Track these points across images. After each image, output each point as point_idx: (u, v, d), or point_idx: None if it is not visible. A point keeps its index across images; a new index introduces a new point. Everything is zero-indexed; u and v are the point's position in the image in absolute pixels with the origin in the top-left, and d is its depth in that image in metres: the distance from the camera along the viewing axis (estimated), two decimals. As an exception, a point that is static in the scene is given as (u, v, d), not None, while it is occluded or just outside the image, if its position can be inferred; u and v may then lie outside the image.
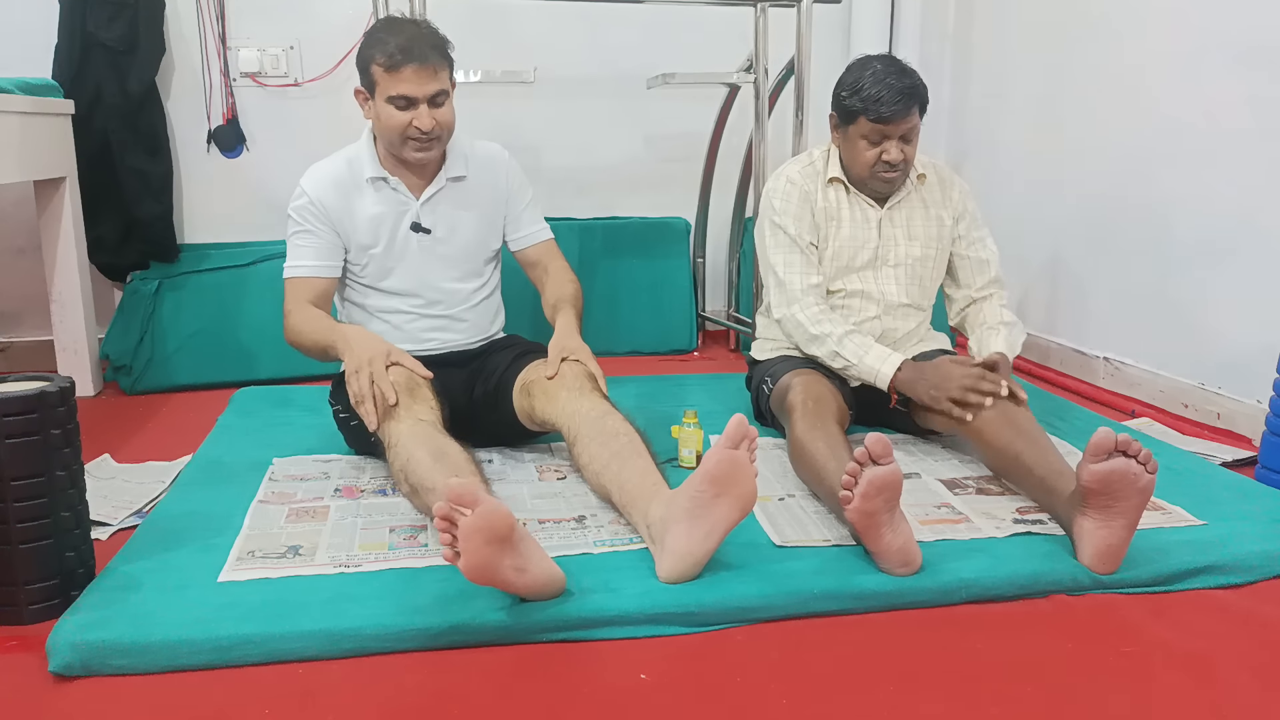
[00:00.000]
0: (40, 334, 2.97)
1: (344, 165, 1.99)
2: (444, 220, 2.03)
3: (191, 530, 1.65)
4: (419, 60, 1.84)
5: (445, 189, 2.02)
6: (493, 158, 2.10)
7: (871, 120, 1.99)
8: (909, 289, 2.15)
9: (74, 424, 1.45)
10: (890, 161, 2.02)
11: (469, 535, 1.27)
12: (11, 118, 2.31)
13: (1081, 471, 1.47)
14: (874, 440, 1.42)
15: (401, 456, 1.66)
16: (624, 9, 3.15)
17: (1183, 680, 1.28)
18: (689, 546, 1.45)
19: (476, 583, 1.33)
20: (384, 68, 1.85)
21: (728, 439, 1.43)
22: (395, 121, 1.88)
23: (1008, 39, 3.15)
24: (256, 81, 3.08)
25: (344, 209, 1.97)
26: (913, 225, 2.15)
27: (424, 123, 1.87)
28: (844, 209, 2.14)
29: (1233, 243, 2.31)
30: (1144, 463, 1.44)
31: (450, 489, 1.29)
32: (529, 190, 2.16)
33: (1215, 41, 2.34)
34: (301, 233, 1.97)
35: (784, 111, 3.11)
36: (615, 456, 1.67)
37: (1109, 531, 1.49)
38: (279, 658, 1.31)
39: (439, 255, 2.04)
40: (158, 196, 2.88)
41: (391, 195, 1.99)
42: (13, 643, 1.37)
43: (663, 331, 3.25)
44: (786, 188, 2.13)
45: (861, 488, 1.42)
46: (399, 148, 1.92)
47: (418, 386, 1.80)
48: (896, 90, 1.96)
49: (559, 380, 1.86)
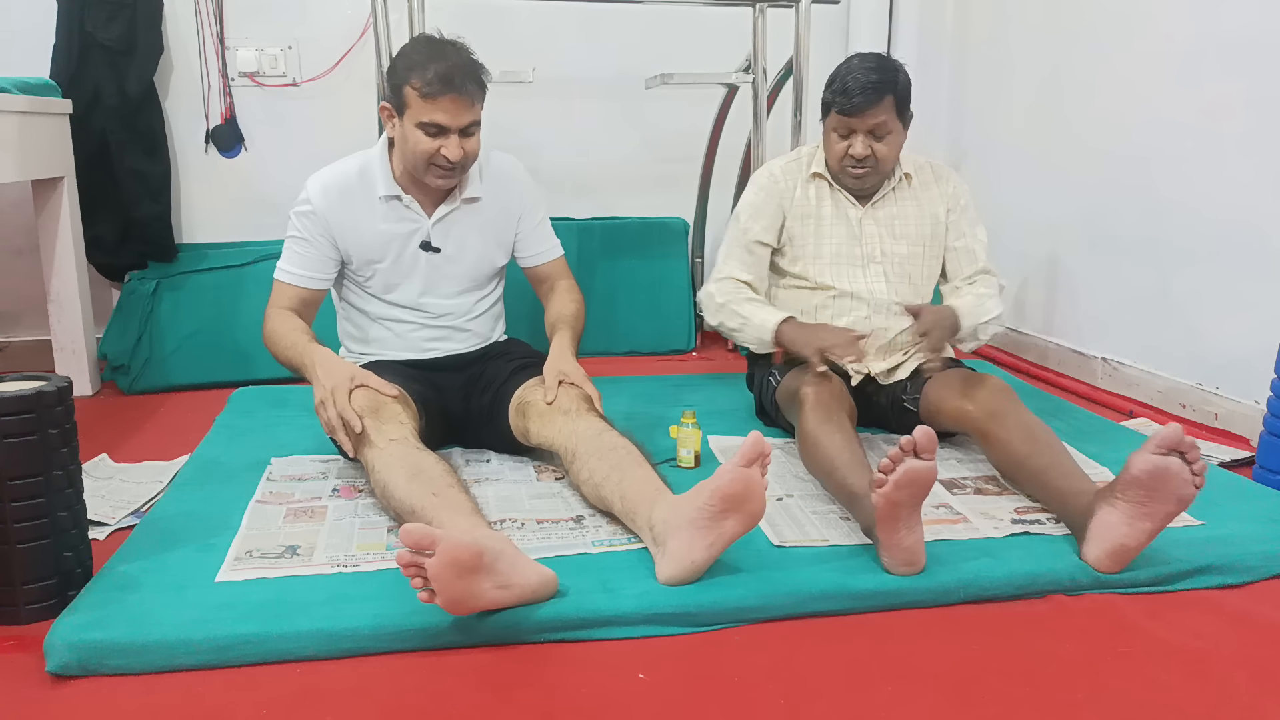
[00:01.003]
0: (38, 334, 2.96)
1: (355, 175, 1.95)
2: (454, 240, 2.01)
3: (189, 530, 1.65)
4: (457, 91, 1.80)
5: (459, 209, 2.00)
6: (508, 175, 2.07)
7: (839, 112, 2.00)
8: (898, 288, 2.14)
9: (71, 424, 1.45)
10: (855, 156, 2.01)
11: (437, 576, 1.26)
12: (9, 117, 2.31)
13: (1135, 459, 1.46)
14: (923, 434, 1.41)
15: (379, 483, 1.65)
16: (622, 9, 3.15)
17: (1180, 680, 1.28)
18: (691, 554, 1.44)
19: (461, 615, 1.33)
20: (420, 93, 1.79)
21: (743, 457, 1.41)
22: (422, 148, 1.83)
23: (1006, 39, 3.15)
24: (255, 81, 3.08)
25: (349, 222, 1.94)
26: (899, 224, 2.14)
27: (453, 153, 1.83)
28: (825, 206, 2.14)
29: (1231, 243, 2.31)
30: (1195, 474, 1.44)
31: (407, 535, 1.27)
32: (542, 208, 2.13)
33: (1213, 41, 2.34)
34: (298, 240, 1.95)
35: (782, 112, 3.11)
36: (615, 468, 1.66)
37: (1129, 530, 1.48)
38: (277, 658, 1.31)
39: (446, 273, 2.02)
40: (156, 196, 2.88)
41: (404, 213, 1.96)
42: (10, 643, 1.36)
43: (661, 331, 3.25)
44: (764, 180, 2.17)
45: (897, 476, 1.42)
46: (421, 173, 1.88)
47: (384, 405, 1.77)
48: (864, 84, 1.95)
49: (555, 404, 1.85)
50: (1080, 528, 1.56)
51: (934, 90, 3.44)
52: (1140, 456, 1.45)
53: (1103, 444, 2.13)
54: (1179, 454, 1.43)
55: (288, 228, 1.97)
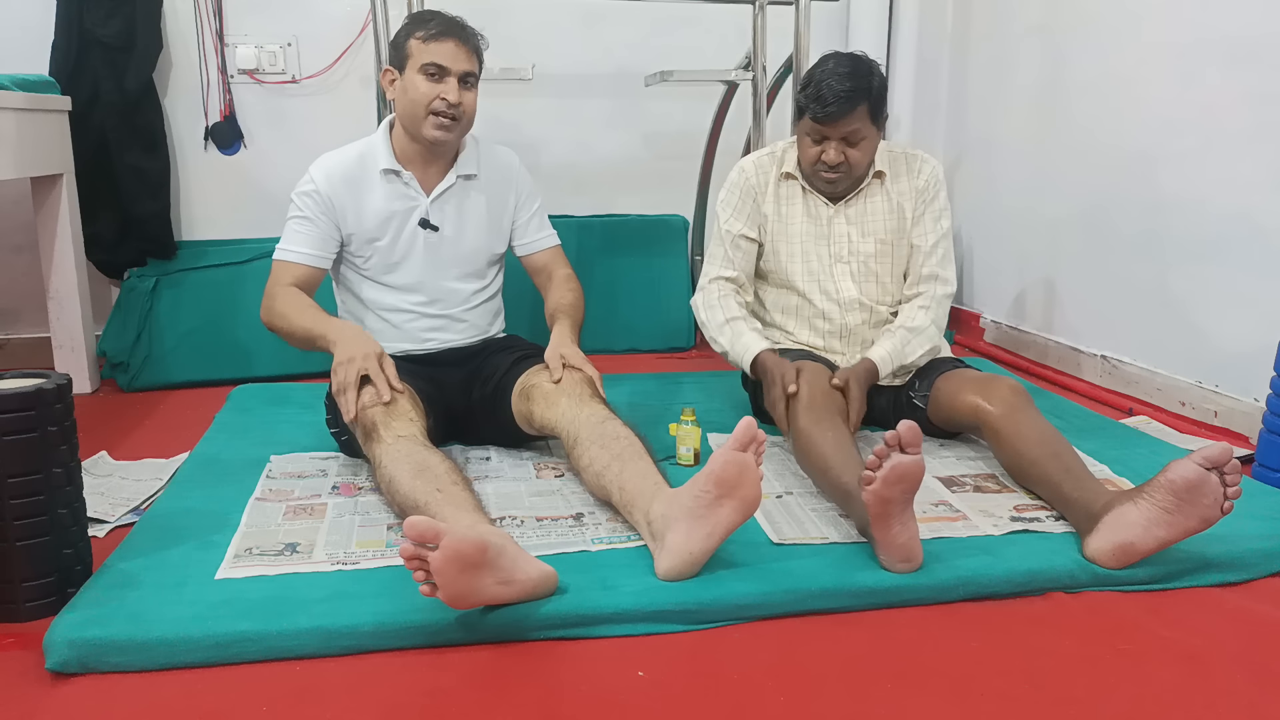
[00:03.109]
0: (37, 331, 2.96)
1: (355, 159, 2.00)
2: (452, 219, 2.04)
3: (189, 527, 1.65)
4: (459, 38, 1.91)
5: (455, 186, 2.03)
6: (505, 163, 2.12)
7: (812, 119, 1.98)
8: (865, 287, 2.14)
9: (71, 421, 1.45)
10: (828, 163, 2.01)
11: (440, 570, 1.26)
12: (8, 115, 2.31)
13: (1177, 465, 1.45)
14: (907, 428, 1.41)
15: (384, 478, 1.66)
16: (622, 6, 3.15)
17: (1179, 678, 1.29)
18: (689, 545, 1.45)
19: (463, 609, 1.33)
20: (423, 39, 1.90)
21: (736, 441, 1.43)
22: (423, 92, 1.90)
23: (1005, 37, 3.15)
24: (254, 78, 3.08)
25: (351, 204, 1.98)
26: (867, 221, 2.13)
27: (452, 95, 1.90)
28: (796, 204, 2.14)
29: (1230, 240, 2.31)
30: (1228, 497, 1.44)
31: (411, 527, 1.27)
32: (538, 198, 2.17)
33: (1212, 39, 2.34)
34: (301, 219, 1.97)
35: (782, 109, 3.11)
36: (616, 458, 1.67)
37: (1143, 533, 1.48)
38: (277, 655, 1.31)
39: (444, 254, 2.04)
40: (155, 194, 2.88)
41: (403, 190, 2.00)
42: (9, 640, 1.37)
43: (660, 329, 3.25)
44: (735, 177, 2.17)
45: (884, 472, 1.42)
46: (420, 123, 1.92)
47: (395, 402, 1.77)
48: (837, 92, 1.92)
49: (559, 386, 1.86)
50: (1089, 522, 1.56)
51: (933, 87, 3.44)
52: (1182, 464, 1.45)
53: (1102, 442, 2.13)
54: (1220, 473, 1.43)
55: (289, 210, 1.98)
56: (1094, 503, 1.57)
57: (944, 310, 2.13)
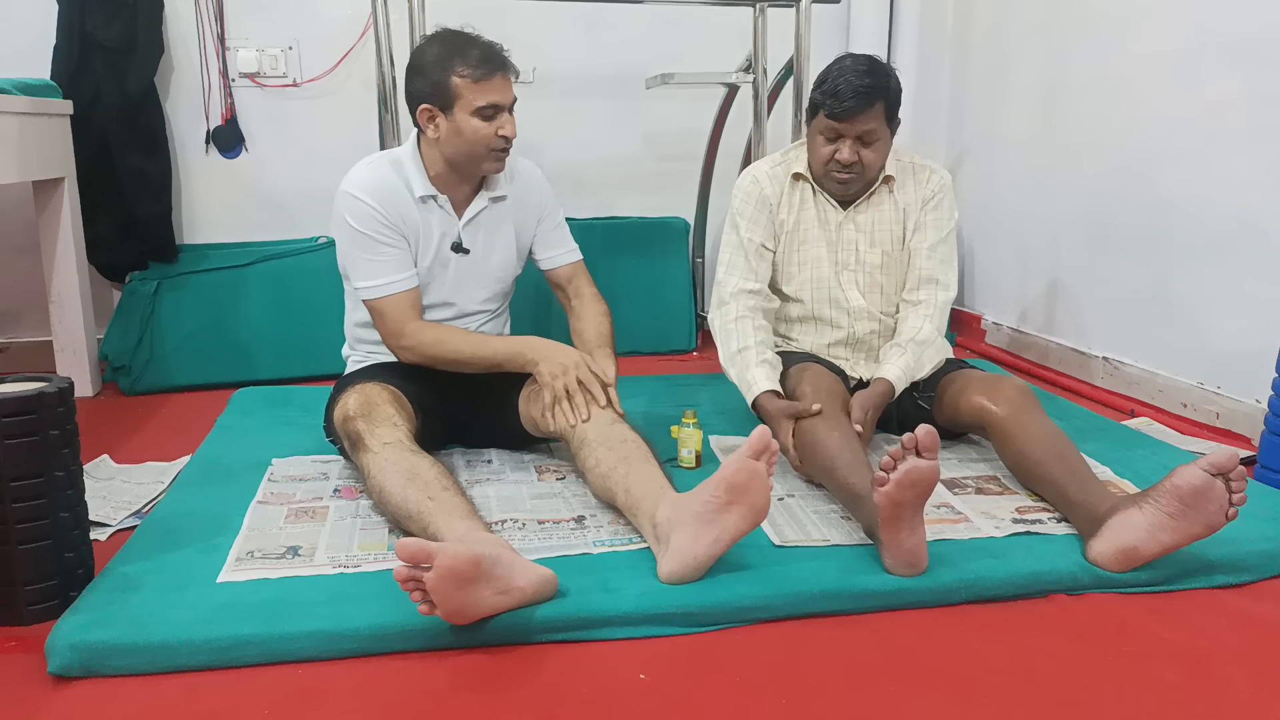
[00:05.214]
0: (39, 334, 2.96)
1: (388, 179, 1.90)
2: (481, 241, 2.00)
3: (190, 531, 1.65)
4: (503, 68, 1.85)
5: (486, 209, 1.99)
6: (530, 178, 2.08)
7: (827, 116, 1.96)
8: (869, 296, 2.13)
9: (73, 424, 1.45)
10: (842, 161, 1.98)
11: (436, 588, 1.26)
12: (10, 118, 2.31)
13: (1183, 470, 1.45)
14: (925, 433, 1.40)
15: (375, 488, 1.65)
16: (623, 8, 3.15)
17: (1182, 679, 1.28)
18: (694, 549, 1.44)
19: (462, 624, 1.33)
20: (472, 79, 1.80)
21: (750, 449, 1.43)
22: (483, 133, 1.83)
23: (1006, 37, 3.15)
24: (255, 82, 3.08)
25: (401, 219, 1.91)
26: (876, 231, 2.11)
27: (510, 129, 1.85)
28: (808, 211, 2.12)
29: (1232, 241, 2.31)
30: (1233, 504, 1.43)
31: (402, 549, 1.26)
32: (560, 211, 2.14)
33: (1213, 39, 2.34)
34: (374, 243, 1.87)
35: (783, 111, 3.11)
36: (623, 460, 1.67)
37: (1147, 537, 1.48)
38: (278, 658, 1.31)
39: (472, 274, 2.01)
40: (156, 197, 2.88)
41: (438, 213, 1.95)
42: (11, 643, 1.37)
43: (662, 331, 3.25)
44: (749, 187, 2.13)
45: (898, 475, 1.41)
46: (480, 160, 1.87)
47: (376, 406, 1.76)
48: (854, 88, 1.90)
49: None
50: (1093, 525, 1.56)
51: (934, 90, 3.44)
52: (1188, 469, 1.44)
53: (1104, 443, 2.13)
54: (1226, 479, 1.43)
55: (349, 239, 1.88)
56: (1098, 506, 1.57)
57: (945, 316, 2.13)
